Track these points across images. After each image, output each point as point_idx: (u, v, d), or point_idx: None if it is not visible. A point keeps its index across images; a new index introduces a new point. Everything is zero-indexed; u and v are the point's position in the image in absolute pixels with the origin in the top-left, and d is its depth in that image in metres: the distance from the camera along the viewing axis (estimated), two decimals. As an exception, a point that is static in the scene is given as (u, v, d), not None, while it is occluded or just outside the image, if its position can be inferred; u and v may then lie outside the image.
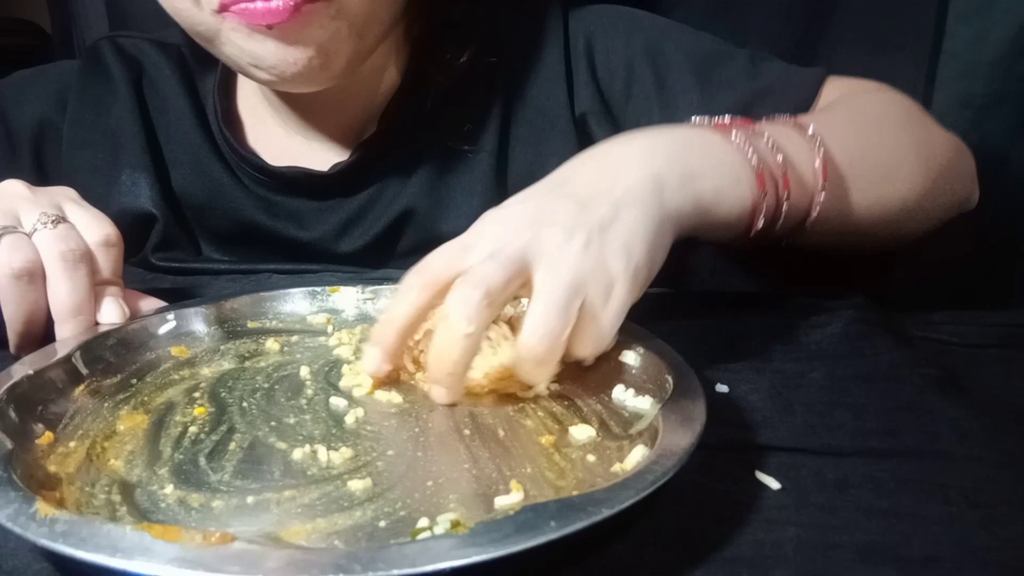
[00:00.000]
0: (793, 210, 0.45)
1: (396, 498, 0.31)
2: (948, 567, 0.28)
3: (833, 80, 0.59)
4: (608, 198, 0.39)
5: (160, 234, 0.65)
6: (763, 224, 0.44)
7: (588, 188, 0.40)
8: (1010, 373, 0.46)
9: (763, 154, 0.44)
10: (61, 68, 0.70)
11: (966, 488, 0.33)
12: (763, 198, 0.43)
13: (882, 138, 0.52)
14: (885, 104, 0.55)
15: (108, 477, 0.32)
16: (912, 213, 0.52)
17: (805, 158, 0.46)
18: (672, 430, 0.32)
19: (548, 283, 0.36)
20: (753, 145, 0.43)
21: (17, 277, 0.42)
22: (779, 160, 0.44)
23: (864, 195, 0.49)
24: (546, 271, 0.36)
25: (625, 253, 0.37)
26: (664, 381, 0.37)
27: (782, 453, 0.35)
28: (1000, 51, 0.69)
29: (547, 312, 0.35)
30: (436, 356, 0.36)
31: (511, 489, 0.31)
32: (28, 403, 0.36)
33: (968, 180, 0.57)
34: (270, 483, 0.32)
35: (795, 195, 0.45)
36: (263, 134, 0.65)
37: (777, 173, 0.44)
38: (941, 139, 0.56)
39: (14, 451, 0.31)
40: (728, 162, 0.43)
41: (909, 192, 0.51)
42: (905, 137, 0.53)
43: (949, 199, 0.55)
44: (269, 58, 0.51)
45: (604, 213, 0.38)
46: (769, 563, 0.28)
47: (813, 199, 0.46)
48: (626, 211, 0.38)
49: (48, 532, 0.25)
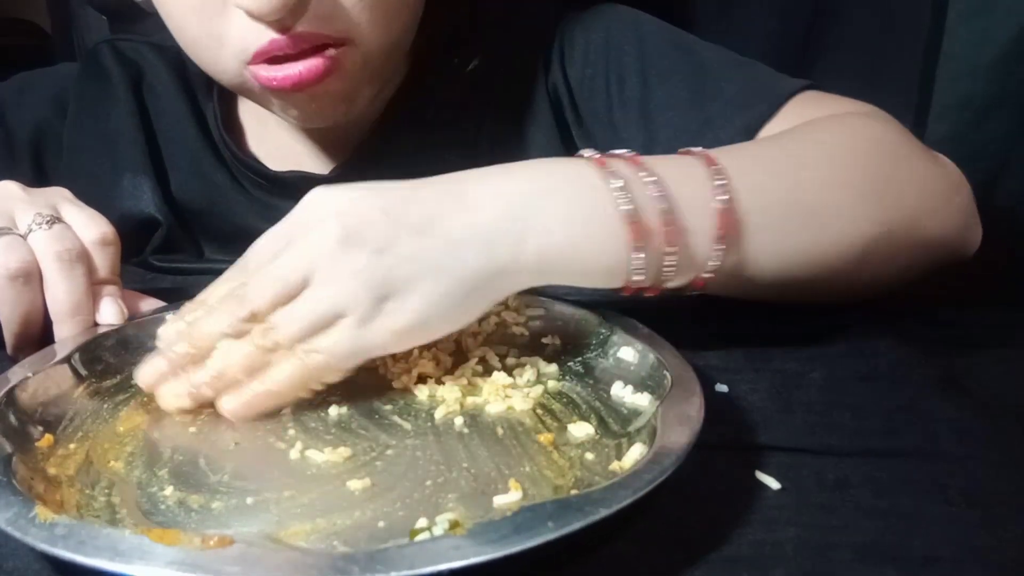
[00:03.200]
0: (688, 261, 0.40)
1: (395, 498, 0.31)
2: (948, 567, 0.28)
3: (813, 98, 0.54)
4: (424, 234, 0.37)
5: (162, 238, 0.65)
6: (644, 279, 0.39)
7: (417, 216, 0.37)
8: (1010, 373, 0.46)
9: (641, 202, 0.38)
10: (61, 72, 0.70)
11: (966, 488, 0.32)
12: (635, 251, 0.38)
13: (824, 174, 0.44)
14: (850, 134, 0.48)
15: (108, 479, 0.32)
16: (864, 261, 0.44)
17: (699, 203, 0.40)
18: (670, 428, 0.32)
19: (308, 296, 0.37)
20: (630, 192, 0.38)
21: (13, 278, 0.42)
22: (661, 208, 0.38)
23: (788, 242, 0.42)
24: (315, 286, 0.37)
25: (406, 293, 0.36)
26: (662, 378, 0.37)
27: (782, 453, 0.35)
28: (1000, 52, 0.69)
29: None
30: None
31: (510, 488, 0.31)
32: (27, 406, 0.36)
33: (957, 220, 0.50)
34: (269, 483, 0.32)
35: (685, 247, 0.39)
36: (263, 138, 0.65)
37: (654, 223, 0.38)
38: (922, 176, 0.49)
39: (13, 455, 0.31)
40: (594, 211, 0.38)
41: (856, 238, 0.44)
42: (860, 174, 0.45)
43: (926, 243, 0.47)
44: (293, 109, 0.53)
45: (412, 248, 0.36)
46: (769, 563, 0.28)
47: (709, 250, 0.40)
48: (436, 257, 0.37)
49: (48, 536, 0.26)
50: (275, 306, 0.37)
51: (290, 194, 0.63)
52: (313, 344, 0.36)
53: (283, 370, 0.36)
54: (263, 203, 0.64)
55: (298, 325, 0.36)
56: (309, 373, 0.37)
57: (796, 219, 0.42)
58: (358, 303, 0.36)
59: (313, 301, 0.36)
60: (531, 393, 0.39)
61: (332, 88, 0.52)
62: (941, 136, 0.54)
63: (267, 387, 0.37)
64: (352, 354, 0.37)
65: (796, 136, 0.48)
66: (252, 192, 0.64)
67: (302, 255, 0.37)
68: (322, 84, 0.50)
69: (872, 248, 0.44)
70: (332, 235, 0.36)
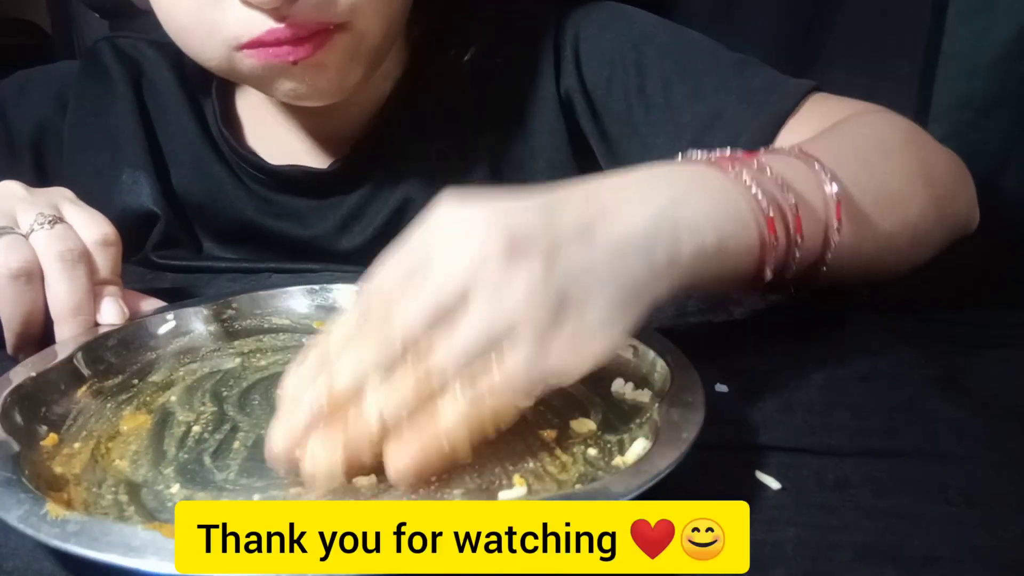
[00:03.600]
0: (806, 254, 0.41)
1: (401, 494, 0.31)
2: (948, 567, 0.28)
3: (822, 99, 0.56)
4: (588, 242, 0.33)
5: (162, 232, 0.65)
6: (772, 273, 0.39)
7: (572, 225, 0.33)
8: (1010, 373, 0.46)
9: (772, 194, 0.39)
10: (61, 69, 0.70)
11: (966, 488, 0.33)
12: (774, 244, 0.38)
13: (887, 164, 0.48)
14: (884, 127, 0.52)
15: (114, 477, 0.32)
16: (919, 241, 0.49)
17: (815, 195, 0.41)
18: (672, 423, 0.32)
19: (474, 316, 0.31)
20: (760, 184, 0.38)
21: (14, 277, 0.42)
22: (791, 200, 0.39)
23: (876, 228, 0.44)
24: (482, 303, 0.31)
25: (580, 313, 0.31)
26: (663, 375, 0.37)
27: (782, 453, 0.35)
28: (1000, 51, 0.69)
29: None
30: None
31: (514, 484, 0.31)
32: (31, 405, 0.36)
33: (968, 200, 0.54)
34: (276, 480, 0.32)
35: (809, 238, 0.40)
36: (262, 133, 0.65)
37: (789, 215, 0.39)
38: (943, 161, 0.53)
39: (21, 452, 0.31)
40: (733, 206, 0.38)
41: (918, 220, 0.47)
42: (909, 162, 0.49)
43: (952, 222, 0.52)
44: (288, 84, 0.53)
45: (582, 257, 0.32)
46: (769, 563, 0.28)
47: (828, 240, 0.41)
48: (604, 265, 0.33)
49: (60, 533, 0.26)
50: (430, 332, 0.30)
51: (289, 188, 0.64)
52: (488, 379, 0.30)
53: (455, 415, 0.30)
54: (262, 197, 0.64)
55: (464, 351, 0.30)
56: (485, 411, 0.30)
57: (883, 206, 0.45)
58: (534, 319, 0.30)
59: (479, 321, 0.30)
60: None
61: (328, 62, 0.51)
62: (941, 135, 0.54)
63: (438, 433, 0.30)
64: (532, 379, 0.31)
65: (848, 132, 0.50)
66: (251, 186, 0.65)
67: (456, 269, 0.31)
68: (314, 58, 0.50)
69: (928, 227, 0.48)
70: (495, 245, 0.31)
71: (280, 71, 0.51)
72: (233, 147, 0.64)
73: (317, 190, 0.63)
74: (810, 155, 0.43)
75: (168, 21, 0.53)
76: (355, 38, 0.52)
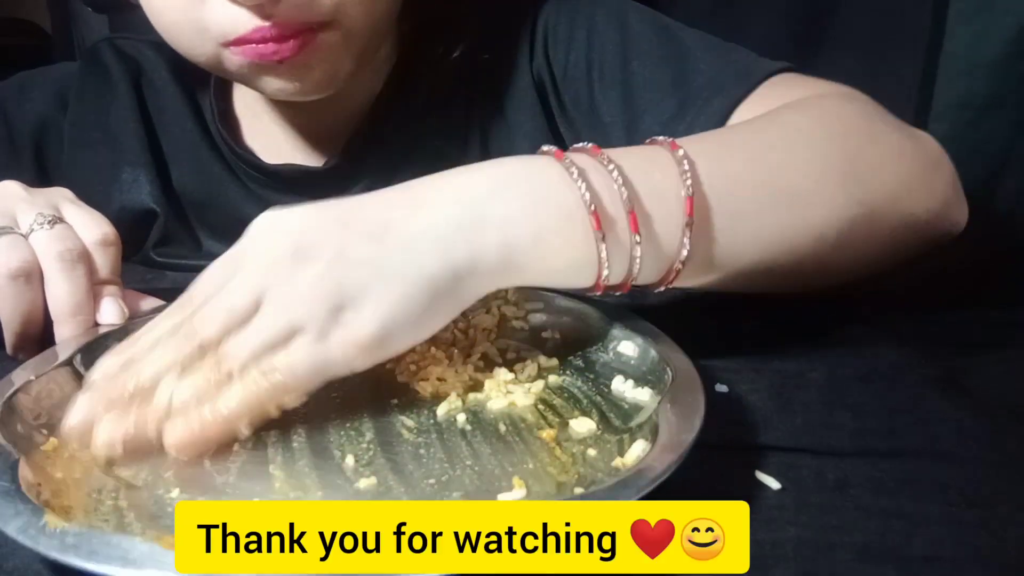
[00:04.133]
0: (657, 251, 0.38)
1: (401, 495, 0.31)
2: (948, 567, 0.28)
3: (787, 80, 0.53)
4: (378, 240, 0.35)
5: (161, 230, 0.65)
6: (613, 273, 0.38)
7: (370, 222, 0.36)
8: (1010, 373, 0.46)
9: (602, 190, 0.37)
10: (62, 69, 0.71)
11: (966, 488, 0.33)
12: (600, 241, 0.37)
13: (796, 156, 0.43)
14: (821, 114, 0.47)
15: (114, 482, 0.32)
16: (843, 243, 0.43)
17: (668, 190, 0.38)
18: (672, 423, 0.32)
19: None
20: (590, 180, 0.37)
21: (14, 277, 0.42)
22: (623, 195, 0.37)
23: (763, 227, 0.41)
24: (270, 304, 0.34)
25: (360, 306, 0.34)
26: (663, 373, 0.37)
27: (782, 453, 0.35)
28: (1000, 51, 0.69)
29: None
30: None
31: (514, 485, 0.31)
32: (31, 409, 0.36)
33: (939, 199, 0.48)
34: (275, 484, 0.32)
35: (653, 235, 0.38)
36: (259, 132, 0.66)
37: (618, 211, 0.37)
38: (895, 152, 0.47)
39: (20, 460, 0.31)
40: (557, 200, 0.37)
41: (831, 220, 0.43)
42: (833, 154, 0.44)
43: (905, 223, 0.46)
44: (276, 83, 0.53)
45: (365, 253, 0.34)
46: (769, 563, 0.28)
47: (679, 238, 0.38)
48: (389, 261, 0.35)
49: (59, 545, 0.26)
50: (226, 336, 0.34)
51: (285, 186, 0.64)
52: (270, 363, 0.33)
53: (235, 392, 0.33)
54: (259, 195, 0.65)
55: (250, 348, 0.33)
56: (264, 395, 0.33)
57: (769, 203, 0.41)
58: (313, 316, 0.33)
59: (265, 321, 0.34)
60: (532, 388, 0.39)
61: (315, 59, 0.52)
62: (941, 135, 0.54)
63: (216, 413, 0.33)
64: (312, 371, 0.34)
65: (767, 119, 0.47)
66: (248, 184, 0.65)
67: (251, 277, 0.34)
68: (299, 57, 0.51)
69: (850, 229, 0.43)
70: (282, 251, 0.34)
71: (267, 69, 0.52)
72: (230, 145, 0.64)
73: (314, 188, 0.63)
74: (679, 148, 0.40)
75: (156, 17, 0.53)
76: (341, 36, 0.52)
